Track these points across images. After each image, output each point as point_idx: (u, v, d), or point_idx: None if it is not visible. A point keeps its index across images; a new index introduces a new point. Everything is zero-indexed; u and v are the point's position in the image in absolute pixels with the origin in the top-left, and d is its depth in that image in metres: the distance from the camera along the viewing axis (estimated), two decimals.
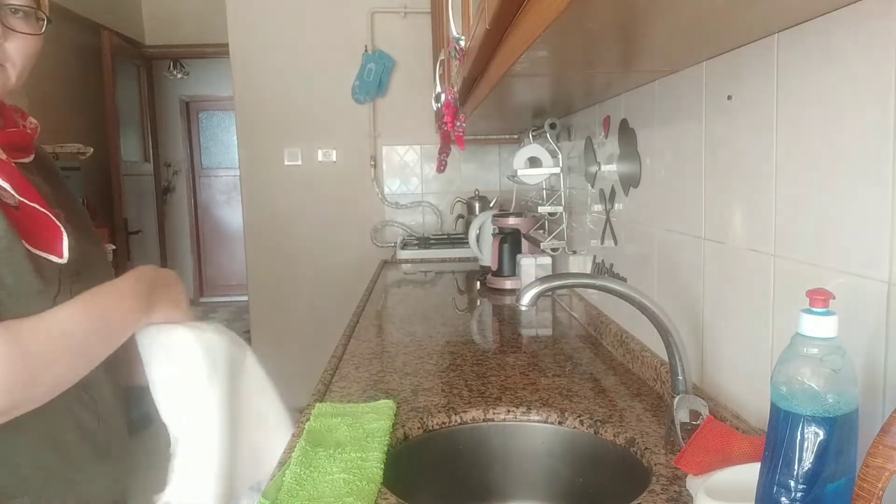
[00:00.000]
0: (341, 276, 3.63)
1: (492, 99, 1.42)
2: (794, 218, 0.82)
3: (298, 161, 3.63)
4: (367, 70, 3.50)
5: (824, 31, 0.74)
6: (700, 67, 1.05)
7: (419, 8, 3.45)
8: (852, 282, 0.71)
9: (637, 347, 1.34)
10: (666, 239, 1.23)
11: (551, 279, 1.05)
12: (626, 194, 1.44)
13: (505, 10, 0.85)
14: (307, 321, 3.67)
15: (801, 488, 0.57)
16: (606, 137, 1.58)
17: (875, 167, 0.67)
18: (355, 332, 1.77)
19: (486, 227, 2.62)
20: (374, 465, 0.93)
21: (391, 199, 3.68)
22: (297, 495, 0.85)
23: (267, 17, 3.52)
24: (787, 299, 0.84)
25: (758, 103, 0.88)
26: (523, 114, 1.96)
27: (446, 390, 1.27)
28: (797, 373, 0.57)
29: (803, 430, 0.57)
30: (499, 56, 1.07)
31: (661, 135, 1.24)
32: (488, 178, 3.69)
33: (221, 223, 6.98)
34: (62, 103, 3.97)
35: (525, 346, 1.61)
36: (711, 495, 0.71)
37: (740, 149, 0.94)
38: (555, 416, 1.14)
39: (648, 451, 0.97)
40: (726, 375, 1.03)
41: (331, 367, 1.44)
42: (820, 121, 0.76)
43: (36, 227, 0.83)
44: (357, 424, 1.06)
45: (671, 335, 1.00)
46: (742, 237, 0.95)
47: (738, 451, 0.83)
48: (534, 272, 2.12)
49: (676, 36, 0.86)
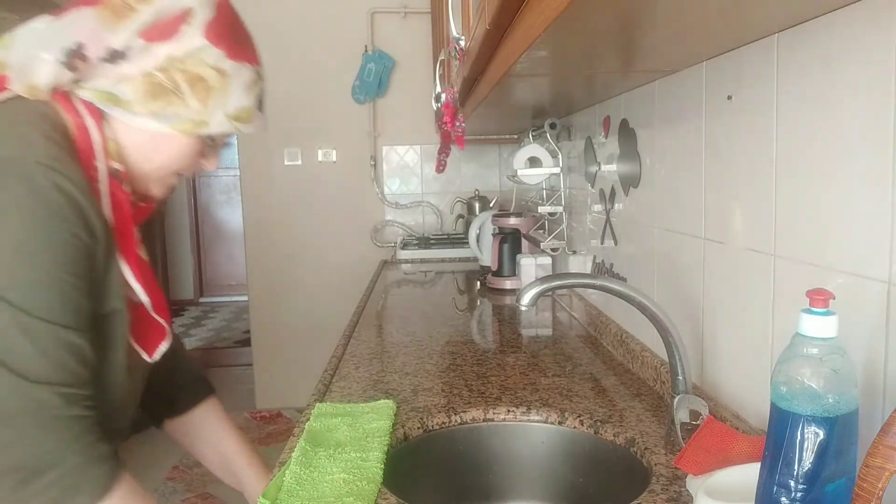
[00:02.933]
0: (341, 276, 3.63)
1: (492, 99, 1.42)
2: (794, 218, 0.82)
3: (298, 161, 3.63)
4: (367, 70, 3.50)
5: (824, 31, 0.74)
6: (700, 67, 1.05)
7: (419, 8, 3.45)
8: (852, 282, 0.71)
9: (637, 347, 1.34)
10: (666, 239, 1.23)
11: (551, 279, 1.05)
12: (626, 194, 1.44)
13: (505, 10, 0.85)
14: (307, 321, 3.67)
15: (801, 488, 0.57)
16: (606, 137, 1.58)
17: (875, 167, 0.67)
18: (355, 332, 1.77)
19: (486, 227, 2.62)
20: (374, 465, 0.93)
21: (391, 199, 3.68)
22: (297, 495, 0.85)
23: (266, 16, 3.52)
24: (787, 299, 0.84)
25: (758, 103, 0.88)
26: (523, 114, 1.96)
27: (446, 390, 1.27)
28: (797, 373, 0.57)
29: (803, 430, 0.57)
30: (499, 56, 1.07)
31: (661, 135, 1.24)
32: (488, 178, 3.69)
33: (221, 223, 6.97)
34: None
35: (525, 346, 1.61)
36: (711, 495, 0.71)
37: (740, 149, 0.94)
38: (555, 416, 1.14)
39: (648, 451, 0.97)
40: (726, 375, 1.03)
41: (331, 367, 1.44)
42: (820, 120, 0.76)
43: (142, 326, 0.83)
44: (357, 424, 1.06)
45: (671, 335, 1.00)
46: (742, 237, 0.95)
47: (738, 451, 0.83)
48: (534, 272, 2.12)
49: (677, 36, 0.86)
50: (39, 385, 0.68)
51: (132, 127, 0.78)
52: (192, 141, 0.81)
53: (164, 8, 0.75)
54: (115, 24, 0.73)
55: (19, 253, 0.67)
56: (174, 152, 0.81)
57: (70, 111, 0.76)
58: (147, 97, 0.76)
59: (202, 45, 0.77)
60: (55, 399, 0.69)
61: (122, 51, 0.74)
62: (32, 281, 0.68)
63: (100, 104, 0.77)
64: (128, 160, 0.80)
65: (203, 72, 0.77)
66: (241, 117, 0.82)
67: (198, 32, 0.76)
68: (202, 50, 0.77)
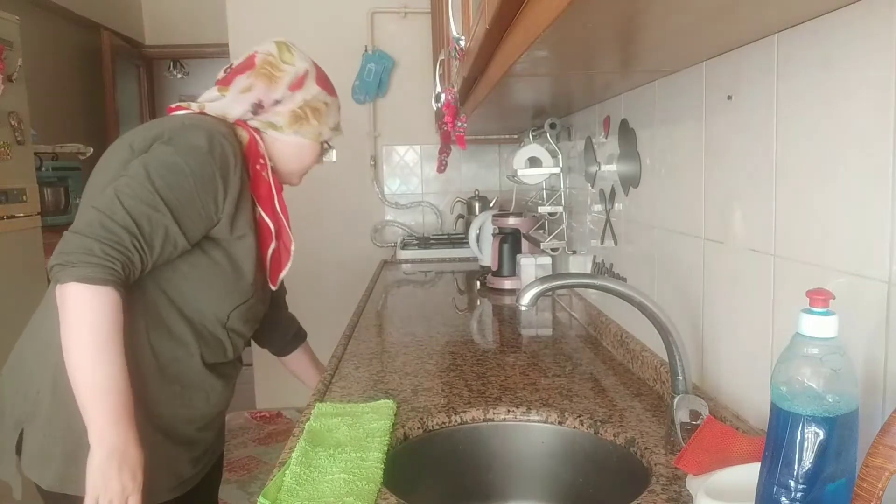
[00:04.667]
0: (341, 276, 3.63)
1: (492, 99, 1.42)
2: (794, 218, 0.82)
3: None
4: (367, 70, 3.50)
5: (824, 31, 0.74)
6: (700, 67, 1.05)
7: (419, 8, 3.45)
8: (852, 282, 0.71)
9: (637, 347, 1.34)
10: (666, 239, 1.23)
11: (551, 279, 1.05)
12: (626, 194, 1.44)
13: (505, 10, 0.85)
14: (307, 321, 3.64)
15: (801, 488, 0.57)
16: (606, 137, 1.58)
17: (875, 167, 0.67)
18: (355, 332, 1.77)
19: (486, 227, 2.62)
20: (374, 465, 0.92)
21: (391, 199, 3.68)
22: (297, 495, 0.85)
23: (267, 17, 3.53)
24: (787, 299, 0.84)
25: (758, 103, 0.88)
26: (523, 114, 1.96)
27: (446, 390, 1.27)
28: (797, 373, 0.57)
29: (803, 430, 0.57)
30: (499, 56, 1.07)
31: (661, 135, 1.24)
32: (488, 178, 3.69)
33: None
34: (62, 103, 3.97)
35: (525, 346, 1.61)
36: (711, 495, 0.71)
37: (740, 149, 0.94)
38: (555, 416, 1.14)
39: (648, 451, 0.97)
40: (726, 375, 1.03)
41: (331, 367, 1.44)
42: (820, 120, 0.76)
43: (273, 256, 1.26)
44: (357, 424, 1.06)
45: (671, 335, 1.00)
46: (742, 237, 0.95)
47: (738, 451, 0.83)
48: (534, 272, 2.12)
49: (676, 36, 0.86)
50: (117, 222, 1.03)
51: (282, 141, 1.26)
52: (316, 145, 1.31)
53: (295, 70, 1.26)
54: (275, 85, 1.24)
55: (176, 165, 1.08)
56: (307, 153, 1.31)
57: (246, 129, 1.23)
58: (292, 123, 1.26)
59: (317, 90, 1.28)
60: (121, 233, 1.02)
61: (280, 100, 1.25)
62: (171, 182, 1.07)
63: (262, 129, 1.25)
64: (277, 164, 1.28)
65: (319, 105, 1.28)
66: (336, 128, 1.34)
67: (313, 83, 1.28)
68: (317, 92, 1.28)
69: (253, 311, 1.27)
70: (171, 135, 1.12)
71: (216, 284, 1.17)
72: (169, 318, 1.14)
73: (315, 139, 1.29)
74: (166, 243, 1.07)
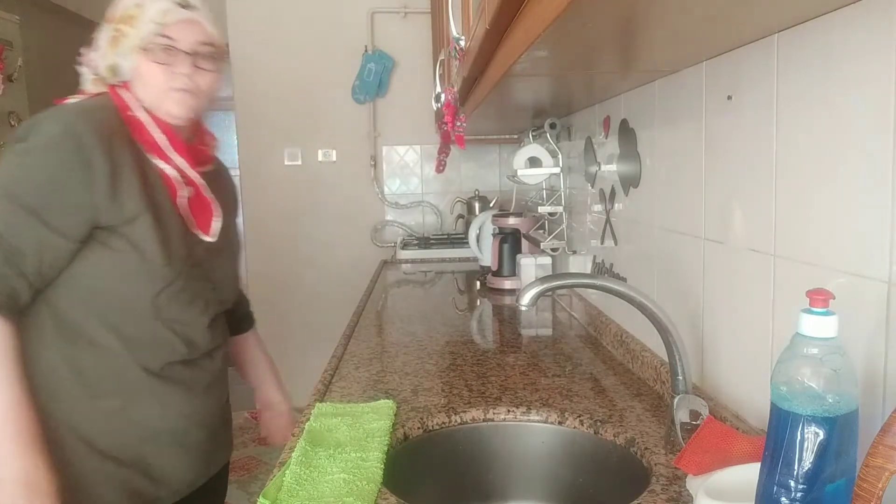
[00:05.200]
0: (341, 276, 3.63)
1: (492, 99, 1.42)
2: (793, 218, 0.82)
3: (298, 161, 3.63)
4: (367, 70, 3.50)
5: (824, 31, 0.74)
6: (700, 67, 1.05)
7: (419, 8, 3.45)
8: (852, 282, 0.71)
9: (637, 347, 1.34)
10: (666, 239, 1.23)
11: (551, 279, 1.05)
12: (626, 194, 1.44)
13: (505, 10, 0.85)
14: (307, 321, 3.67)
15: (801, 488, 0.57)
16: (606, 137, 1.58)
17: (875, 166, 0.67)
18: (355, 332, 1.77)
19: (486, 227, 2.62)
20: (374, 465, 0.92)
21: (391, 199, 3.68)
22: (297, 495, 0.85)
23: (267, 17, 3.52)
24: (787, 299, 0.84)
25: (758, 103, 0.88)
26: (523, 114, 1.96)
27: (446, 390, 1.27)
28: (797, 373, 0.57)
29: (803, 430, 0.57)
30: (499, 56, 1.07)
31: (661, 135, 1.24)
32: (488, 178, 3.69)
33: None
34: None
35: (525, 346, 1.61)
36: (711, 495, 0.71)
37: (740, 149, 0.94)
38: (555, 416, 1.14)
39: (648, 451, 0.97)
40: (726, 375, 1.03)
41: (331, 367, 1.44)
42: (820, 120, 0.76)
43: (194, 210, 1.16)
44: (357, 424, 1.06)
45: (671, 335, 1.00)
46: (742, 237, 0.95)
47: (738, 451, 0.83)
48: (534, 272, 2.12)
49: (677, 36, 0.86)
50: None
51: (123, 75, 1.12)
52: (146, 56, 1.10)
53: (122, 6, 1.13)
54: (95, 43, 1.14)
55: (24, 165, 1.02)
56: (144, 66, 1.10)
57: (110, 91, 1.14)
58: (112, 48, 1.11)
59: (123, 7, 1.11)
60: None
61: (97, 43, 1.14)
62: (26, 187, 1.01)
63: (108, 79, 1.13)
64: (142, 100, 1.12)
65: (130, 14, 1.09)
66: (158, 19, 1.09)
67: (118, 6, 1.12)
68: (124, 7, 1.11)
69: (191, 292, 1.13)
70: (27, 131, 1.04)
71: (128, 276, 1.06)
72: (87, 327, 1.06)
73: (140, 45, 1.09)
74: (45, 252, 1.01)
